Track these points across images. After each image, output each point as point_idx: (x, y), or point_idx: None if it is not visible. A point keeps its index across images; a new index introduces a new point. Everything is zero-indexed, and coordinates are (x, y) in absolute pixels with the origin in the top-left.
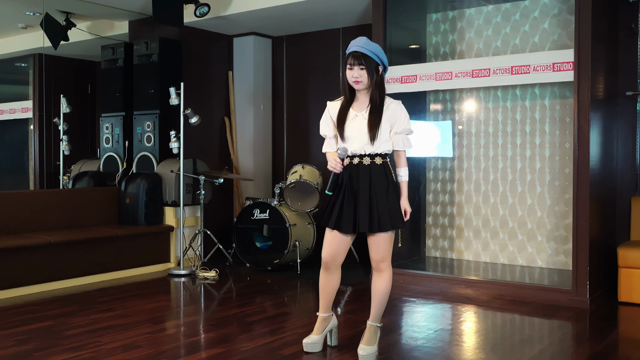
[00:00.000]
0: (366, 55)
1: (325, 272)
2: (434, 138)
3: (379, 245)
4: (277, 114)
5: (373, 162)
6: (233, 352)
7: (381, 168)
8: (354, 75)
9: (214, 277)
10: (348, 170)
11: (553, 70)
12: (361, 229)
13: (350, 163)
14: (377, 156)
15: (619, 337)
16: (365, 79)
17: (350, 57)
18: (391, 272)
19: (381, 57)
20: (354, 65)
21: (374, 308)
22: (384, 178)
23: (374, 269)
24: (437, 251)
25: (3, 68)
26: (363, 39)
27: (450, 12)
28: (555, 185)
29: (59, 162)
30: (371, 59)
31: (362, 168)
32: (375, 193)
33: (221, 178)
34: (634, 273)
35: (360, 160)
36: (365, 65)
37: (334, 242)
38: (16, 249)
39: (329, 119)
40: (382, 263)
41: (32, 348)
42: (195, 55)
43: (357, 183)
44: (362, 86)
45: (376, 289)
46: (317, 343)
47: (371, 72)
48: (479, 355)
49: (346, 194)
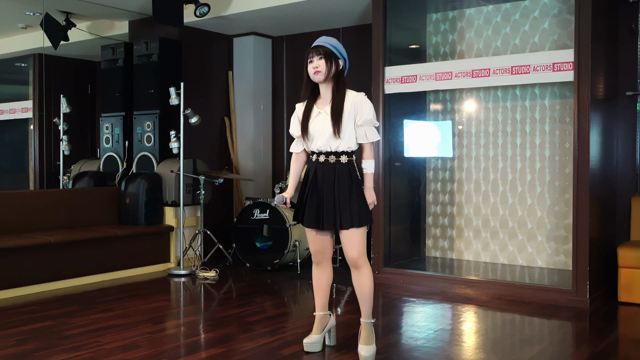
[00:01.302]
0: (325, 47)
1: (317, 267)
2: (434, 138)
3: (352, 241)
4: (277, 114)
5: (338, 160)
6: (233, 352)
7: (346, 167)
8: (313, 66)
9: (214, 277)
10: (314, 167)
11: (553, 70)
12: (325, 227)
13: (316, 160)
14: (343, 154)
15: (619, 337)
16: (323, 68)
17: (309, 52)
18: (369, 267)
19: (340, 50)
20: (314, 57)
21: (363, 306)
22: (349, 177)
23: (351, 266)
24: (437, 251)
25: (3, 68)
26: (324, 37)
27: (450, 12)
28: (555, 185)
29: (59, 162)
30: (330, 51)
31: (327, 166)
32: (339, 191)
33: (221, 178)
34: (634, 273)
35: (326, 158)
36: (324, 54)
37: (315, 238)
38: (16, 249)
39: (296, 119)
40: (359, 259)
41: (32, 348)
42: (195, 55)
43: (322, 181)
44: (321, 76)
45: (360, 286)
46: (317, 343)
47: (329, 62)
48: (479, 355)
49: (312, 191)
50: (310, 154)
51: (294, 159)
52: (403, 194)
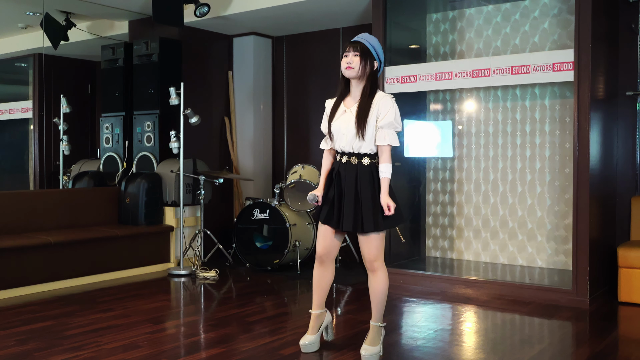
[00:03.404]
0: (363, 45)
1: (320, 266)
2: (434, 138)
3: (369, 244)
4: (277, 114)
5: (360, 162)
6: (233, 352)
7: (368, 169)
8: (347, 61)
9: (214, 277)
10: (337, 166)
11: (553, 70)
12: (344, 228)
13: (339, 160)
14: (365, 156)
15: (619, 337)
16: (357, 66)
17: (347, 45)
18: (386, 271)
19: (378, 51)
20: (349, 51)
21: (374, 308)
22: (371, 180)
23: (368, 269)
24: (437, 251)
25: (3, 68)
26: (365, 34)
27: (450, 12)
28: (555, 185)
29: (59, 162)
30: (368, 49)
31: (349, 167)
32: (361, 194)
33: (221, 178)
34: (634, 273)
35: (349, 159)
36: (360, 52)
37: (327, 236)
38: (16, 249)
39: (325, 116)
40: (375, 262)
41: (32, 348)
42: (195, 55)
43: (345, 182)
44: (353, 73)
45: (373, 289)
46: (313, 343)
47: (364, 61)
48: (479, 355)
49: (335, 191)
50: (335, 153)
51: (325, 156)
52: (403, 194)
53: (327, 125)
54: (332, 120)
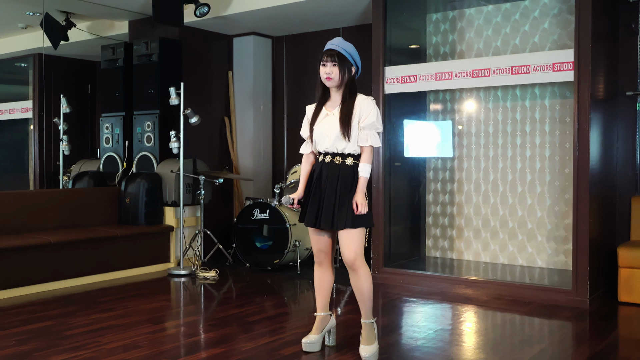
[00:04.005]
0: (340, 53)
1: (319, 267)
2: (434, 138)
3: (348, 243)
4: (277, 114)
5: (344, 162)
6: (233, 352)
7: (350, 169)
8: (326, 72)
9: (214, 277)
10: (319, 167)
11: (553, 70)
12: (323, 226)
13: (322, 160)
14: (349, 156)
15: (619, 337)
16: (336, 76)
17: (324, 54)
18: (367, 268)
19: (355, 57)
20: (327, 62)
21: (362, 307)
22: (352, 179)
23: (349, 268)
24: (437, 251)
25: (3, 68)
26: (339, 39)
27: (450, 12)
28: (555, 185)
29: (59, 162)
30: (345, 57)
31: (332, 167)
32: (341, 192)
33: (221, 178)
34: (634, 273)
35: (332, 159)
36: (338, 62)
37: (315, 237)
38: (16, 249)
39: (306, 121)
40: (356, 261)
41: (32, 348)
42: (195, 55)
43: (326, 181)
44: (333, 83)
45: (357, 288)
46: (315, 342)
47: (343, 70)
48: (479, 355)
49: (315, 191)
50: (317, 155)
51: (304, 160)
52: (403, 194)
53: (307, 130)
54: (315, 124)
